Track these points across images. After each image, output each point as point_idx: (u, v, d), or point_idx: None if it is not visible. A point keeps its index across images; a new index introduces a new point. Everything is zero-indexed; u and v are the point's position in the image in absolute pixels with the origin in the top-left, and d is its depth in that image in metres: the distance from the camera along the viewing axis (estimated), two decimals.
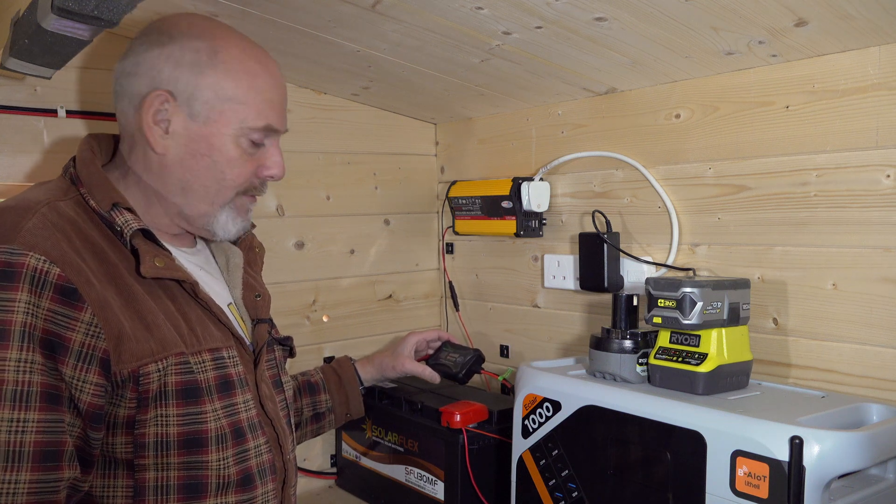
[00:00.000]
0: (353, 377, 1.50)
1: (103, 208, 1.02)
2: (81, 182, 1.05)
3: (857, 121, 1.15)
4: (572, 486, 1.18)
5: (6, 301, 0.89)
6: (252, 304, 1.21)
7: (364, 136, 1.81)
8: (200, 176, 1.08)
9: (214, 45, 1.06)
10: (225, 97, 1.06)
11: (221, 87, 1.06)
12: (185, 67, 1.05)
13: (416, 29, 1.23)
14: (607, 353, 1.20)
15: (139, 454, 0.98)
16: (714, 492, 0.99)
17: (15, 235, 0.92)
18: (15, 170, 1.38)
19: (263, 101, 1.09)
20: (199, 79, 1.05)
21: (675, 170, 1.39)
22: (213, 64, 1.05)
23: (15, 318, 0.89)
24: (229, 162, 1.08)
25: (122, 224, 1.01)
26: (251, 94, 1.08)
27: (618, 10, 1.08)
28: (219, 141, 1.07)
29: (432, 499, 1.43)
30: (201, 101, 1.05)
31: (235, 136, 1.08)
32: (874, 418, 1.07)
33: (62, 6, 0.87)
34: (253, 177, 1.12)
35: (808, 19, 1.05)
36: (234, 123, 1.07)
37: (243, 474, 1.06)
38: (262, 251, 1.31)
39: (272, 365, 1.23)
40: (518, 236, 1.63)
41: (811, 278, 1.22)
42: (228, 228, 1.13)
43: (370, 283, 1.84)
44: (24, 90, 1.38)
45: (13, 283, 0.90)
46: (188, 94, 1.05)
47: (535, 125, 1.65)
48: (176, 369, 1.01)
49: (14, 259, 0.90)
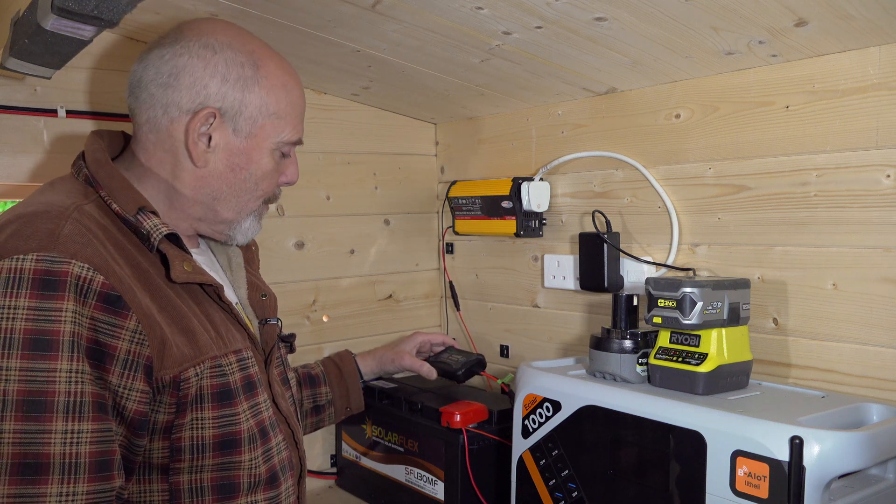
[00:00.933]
0: (353, 371, 1.51)
1: (129, 212, 1.01)
2: (100, 184, 1.03)
3: (857, 121, 1.15)
4: (572, 486, 1.18)
5: (53, 311, 0.88)
6: (259, 304, 1.22)
7: (364, 136, 1.81)
8: (236, 187, 1.10)
9: (255, 59, 1.08)
10: (268, 113, 1.09)
11: (266, 103, 1.08)
12: (232, 83, 1.06)
13: (416, 29, 1.23)
14: (607, 353, 1.20)
15: (175, 458, 0.99)
16: (714, 492, 0.99)
17: (54, 243, 0.90)
18: (15, 170, 1.38)
19: (297, 115, 1.14)
20: (245, 95, 1.07)
21: (675, 170, 1.39)
22: (257, 79, 1.07)
23: (63, 329, 0.88)
24: (264, 174, 1.12)
25: (151, 228, 1.01)
26: (289, 109, 1.11)
27: (618, 10, 1.08)
28: (257, 155, 1.10)
29: (432, 499, 1.43)
30: (245, 116, 1.07)
31: (272, 149, 1.11)
32: (874, 418, 1.07)
33: (62, 6, 0.87)
34: (277, 186, 1.16)
35: (808, 19, 1.05)
36: (272, 137, 1.10)
37: (270, 472, 1.07)
38: (258, 250, 1.32)
39: (280, 363, 1.24)
40: (518, 236, 1.63)
41: (811, 278, 1.22)
42: (248, 234, 1.16)
43: (370, 283, 1.84)
44: (24, 90, 1.38)
45: (58, 291, 0.88)
46: (235, 111, 1.07)
47: (535, 125, 1.65)
48: (211, 373, 1.02)
49: (56, 267, 0.89)
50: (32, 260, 0.88)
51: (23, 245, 0.90)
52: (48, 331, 0.88)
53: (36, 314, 0.88)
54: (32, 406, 0.86)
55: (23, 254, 0.89)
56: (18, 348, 0.86)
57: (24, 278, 0.88)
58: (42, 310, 0.88)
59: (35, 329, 0.87)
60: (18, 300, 0.87)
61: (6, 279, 0.88)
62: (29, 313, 0.87)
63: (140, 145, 1.09)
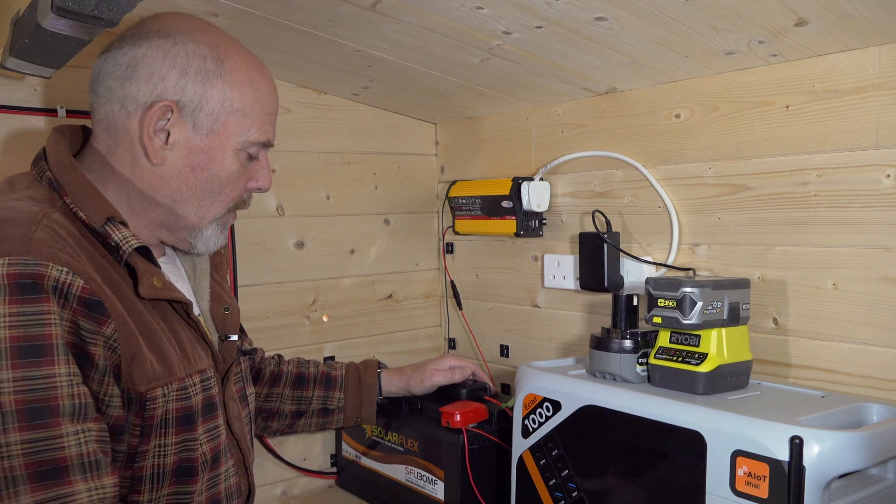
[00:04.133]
0: (373, 384, 1.45)
1: (96, 222, 0.96)
2: (65, 190, 0.97)
3: (857, 121, 1.15)
4: (572, 486, 1.18)
5: (38, 314, 0.84)
6: (220, 319, 1.16)
7: (364, 135, 1.81)
8: (197, 189, 1.04)
9: (219, 52, 1.02)
10: (231, 109, 1.02)
11: (228, 98, 1.02)
12: (192, 76, 1.00)
13: (416, 28, 1.23)
14: (607, 353, 1.20)
15: (135, 489, 0.95)
16: (714, 492, 0.99)
17: (27, 247, 0.85)
18: (15, 170, 1.36)
19: (266, 114, 1.07)
20: (207, 89, 1.00)
21: (675, 170, 1.39)
22: (220, 73, 1.01)
23: (54, 332, 0.84)
24: (229, 176, 1.05)
25: (120, 240, 0.96)
26: (256, 106, 1.05)
27: (618, 9, 1.08)
28: (220, 154, 1.03)
29: (432, 499, 1.43)
30: (206, 112, 1.01)
31: (236, 149, 1.05)
32: (874, 418, 1.07)
33: (62, 6, 0.87)
34: (244, 191, 1.09)
35: (809, 19, 1.05)
36: (237, 136, 1.04)
37: (212, 500, 1.04)
38: (227, 251, 1.26)
39: (238, 378, 1.19)
40: (518, 236, 1.63)
41: (811, 278, 1.22)
42: (210, 244, 1.09)
43: (370, 283, 1.84)
44: (24, 90, 1.38)
45: (39, 294, 0.84)
46: (194, 106, 1.00)
47: (535, 125, 1.65)
48: (177, 395, 0.98)
49: (32, 270, 0.84)
50: (4, 265, 0.83)
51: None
52: (37, 335, 0.83)
53: (20, 320, 0.83)
54: (36, 414, 0.83)
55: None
56: (7, 358, 0.82)
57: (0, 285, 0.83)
58: (26, 314, 0.83)
59: (22, 336, 0.83)
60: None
61: None
62: (12, 320, 0.82)
63: (100, 142, 1.03)
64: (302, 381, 1.42)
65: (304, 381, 1.42)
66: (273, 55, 1.44)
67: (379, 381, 1.47)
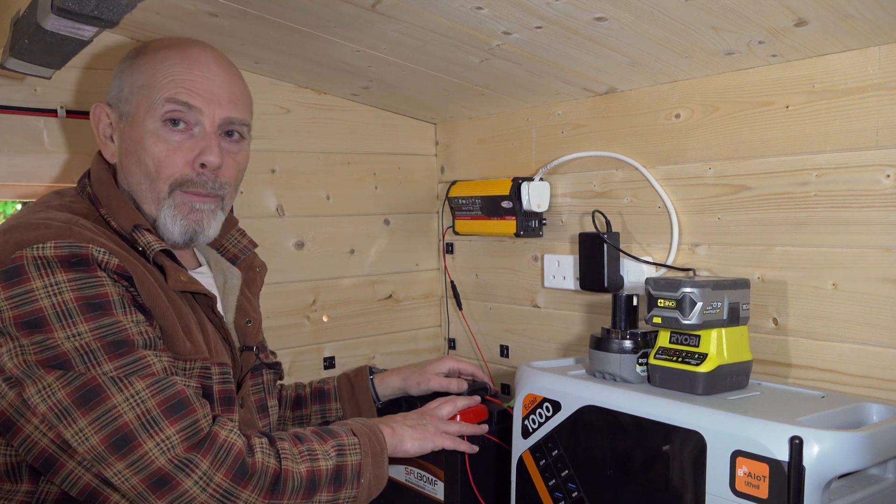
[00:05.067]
0: (366, 388, 1.44)
1: (125, 230, 1.06)
2: (101, 203, 1.09)
3: (857, 121, 1.15)
4: (572, 486, 1.18)
5: (92, 277, 0.95)
6: (242, 330, 1.21)
7: (364, 136, 1.81)
8: (135, 175, 1.10)
9: (142, 48, 1.12)
10: (137, 87, 1.09)
11: (134, 80, 1.10)
12: (117, 76, 1.12)
13: (416, 29, 1.23)
14: (607, 353, 1.20)
15: None
16: (714, 492, 0.99)
17: (69, 233, 0.97)
18: (15, 170, 1.38)
19: (170, 79, 1.08)
20: (122, 80, 1.11)
21: (675, 170, 1.39)
22: (132, 63, 1.11)
23: (109, 290, 0.96)
24: (153, 155, 1.08)
25: (145, 244, 1.05)
26: (159, 75, 1.08)
27: (618, 10, 1.08)
28: (139, 134, 1.08)
29: (432, 499, 1.43)
30: (123, 99, 1.10)
31: (154, 126, 1.08)
32: (874, 418, 1.07)
33: (62, 6, 0.87)
34: (186, 167, 1.09)
35: (808, 19, 1.05)
36: (146, 109, 1.08)
37: None
38: (264, 270, 1.30)
39: (259, 389, 1.23)
40: (518, 236, 1.63)
41: (811, 278, 1.22)
42: (169, 228, 1.11)
43: (370, 283, 1.84)
44: (24, 90, 1.38)
45: (86, 265, 0.96)
46: (116, 99, 1.11)
47: (535, 125, 1.65)
48: (200, 373, 1.06)
49: (77, 250, 0.95)
50: (51, 247, 0.95)
51: (41, 235, 0.96)
52: (97, 294, 0.95)
53: (78, 283, 0.94)
54: (119, 346, 0.94)
55: (41, 243, 0.95)
56: (79, 314, 0.93)
57: (50, 261, 0.94)
58: (81, 279, 0.95)
59: (84, 295, 0.94)
60: (56, 276, 0.94)
61: (34, 265, 0.94)
62: (72, 284, 0.94)
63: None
64: (300, 401, 1.44)
65: (301, 402, 1.44)
66: (273, 55, 1.45)
67: (373, 385, 1.46)
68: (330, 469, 1.04)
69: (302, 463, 1.02)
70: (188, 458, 0.93)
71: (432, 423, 1.24)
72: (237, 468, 0.96)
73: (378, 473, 1.09)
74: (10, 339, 0.93)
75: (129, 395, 0.93)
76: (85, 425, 0.91)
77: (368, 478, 1.08)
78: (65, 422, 0.91)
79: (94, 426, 0.91)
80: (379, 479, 1.10)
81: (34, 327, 0.92)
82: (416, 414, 1.27)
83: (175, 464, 0.93)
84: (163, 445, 0.93)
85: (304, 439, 1.06)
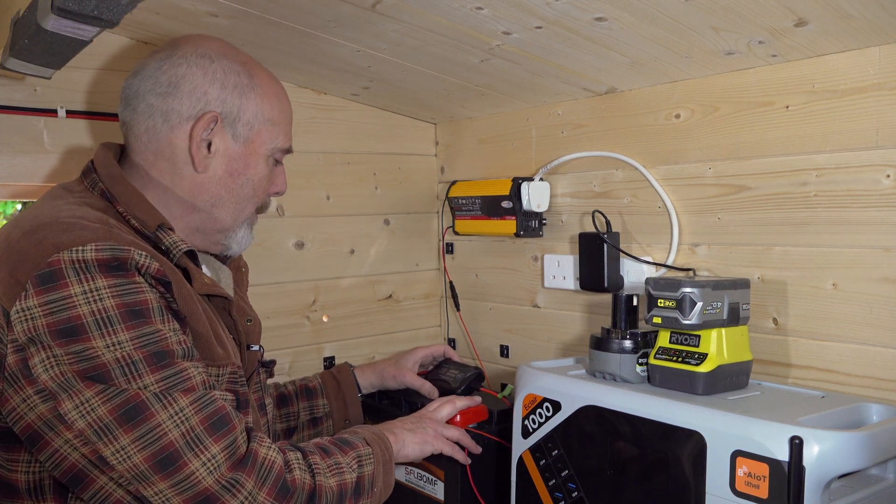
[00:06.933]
0: (351, 383, 1.49)
1: (148, 229, 1.05)
2: (118, 200, 1.06)
3: (857, 121, 1.15)
4: (572, 486, 1.18)
5: (131, 285, 0.93)
6: (244, 329, 1.21)
7: (364, 136, 1.81)
8: (234, 192, 1.13)
9: (248, 69, 1.13)
10: (264, 119, 1.13)
11: (262, 110, 1.12)
12: (230, 89, 1.10)
13: (416, 29, 1.23)
14: (607, 353, 1.20)
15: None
16: (714, 492, 0.99)
17: (109, 235, 0.95)
18: (15, 170, 1.38)
19: (288, 123, 1.18)
20: (243, 101, 1.11)
21: (675, 170, 1.39)
22: (252, 87, 1.12)
23: (149, 297, 0.94)
24: (260, 180, 1.15)
25: (171, 245, 1.04)
26: (282, 116, 1.16)
27: (618, 10, 1.08)
28: (254, 160, 1.14)
29: (432, 499, 1.43)
30: (243, 122, 1.11)
31: (267, 155, 1.15)
32: (874, 418, 1.07)
33: (62, 6, 0.87)
34: (266, 195, 1.19)
35: (808, 19, 1.05)
36: (268, 143, 1.14)
37: None
38: (248, 271, 1.32)
39: (258, 388, 1.24)
40: (518, 236, 1.63)
41: (811, 278, 1.22)
42: (242, 243, 1.19)
43: (370, 283, 1.84)
44: (24, 90, 1.38)
45: (126, 271, 0.93)
46: (234, 116, 1.10)
47: (535, 125, 1.65)
48: (229, 378, 1.07)
49: (118, 254, 0.93)
50: (92, 250, 0.92)
51: (77, 237, 0.93)
52: (137, 301, 0.93)
53: (119, 290, 0.92)
54: (160, 357, 0.92)
55: (81, 245, 0.92)
56: (119, 322, 0.91)
57: (90, 265, 0.91)
58: (121, 286, 0.92)
59: (124, 303, 0.92)
60: (96, 282, 0.91)
61: (74, 268, 0.90)
62: (112, 290, 0.91)
63: (139, 156, 1.11)
64: (285, 399, 1.45)
65: (286, 399, 1.45)
66: (273, 55, 1.45)
67: (355, 378, 1.50)
68: (353, 481, 1.06)
69: (332, 477, 1.03)
70: (234, 477, 0.93)
71: (431, 427, 1.26)
72: (279, 487, 0.96)
73: (387, 481, 1.12)
74: (43, 347, 0.89)
75: (173, 413, 0.91)
76: (127, 443, 0.89)
77: (380, 486, 1.10)
78: (105, 439, 0.89)
79: (136, 444, 0.89)
80: (388, 487, 1.12)
81: (71, 335, 0.89)
82: (414, 417, 1.29)
83: (222, 484, 0.92)
84: (209, 465, 0.92)
85: (329, 452, 1.07)
